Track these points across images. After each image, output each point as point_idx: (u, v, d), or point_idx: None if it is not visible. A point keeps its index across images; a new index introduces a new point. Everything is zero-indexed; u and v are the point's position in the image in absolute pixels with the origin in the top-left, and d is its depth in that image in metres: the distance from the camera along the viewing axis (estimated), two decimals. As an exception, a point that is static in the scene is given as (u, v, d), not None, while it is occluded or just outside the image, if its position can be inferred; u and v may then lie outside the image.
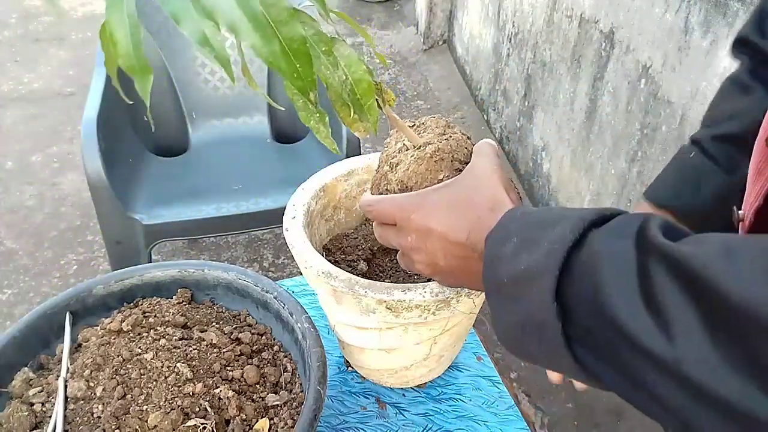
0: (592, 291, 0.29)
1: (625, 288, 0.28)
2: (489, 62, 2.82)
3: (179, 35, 1.87)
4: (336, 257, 0.83)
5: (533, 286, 0.32)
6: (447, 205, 0.43)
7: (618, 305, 0.28)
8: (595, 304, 0.29)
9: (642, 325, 0.27)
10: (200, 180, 1.71)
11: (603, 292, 0.29)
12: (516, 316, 0.34)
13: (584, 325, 0.31)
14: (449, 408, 0.82)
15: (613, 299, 0.28)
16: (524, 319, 0.33)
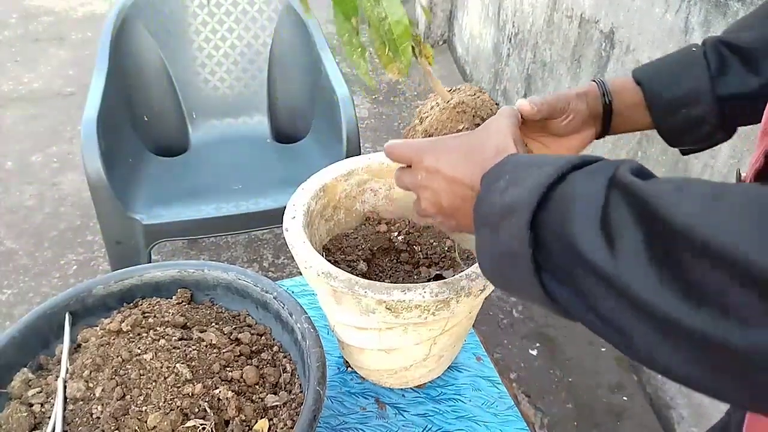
0: (561, 221, 0.33)
1: (587, 216, 0.31)
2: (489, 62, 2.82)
3: (179, 35, 1.87)
4: (336, 257, 0.83)
5: (513, 217, 0.35)
6: (456, 149, 0.47)
7: (578, 230, 0.31)
8: (562, 232, 0.32)
9: (593, 245, 0.30)
10: (200, 180, 1.71)
11: (569, 220, 0.32)
12: (497, 246, 0.37)
13: (550, 252, 0.34)
14: (449, 408, 0.82)
15: (576, 225, 0.31)
16: (503, 248, 0.37)
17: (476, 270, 0.68)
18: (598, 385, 1.68)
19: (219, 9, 1.88)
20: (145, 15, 1.81)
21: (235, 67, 1.94)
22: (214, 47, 1.90)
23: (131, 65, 1.80)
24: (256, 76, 1.95)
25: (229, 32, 1.90)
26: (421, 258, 0.84)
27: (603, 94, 0.61)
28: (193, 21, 1.87)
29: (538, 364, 1.74)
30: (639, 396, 1.65)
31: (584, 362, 1.75)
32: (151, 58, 1.85)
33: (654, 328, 0.28)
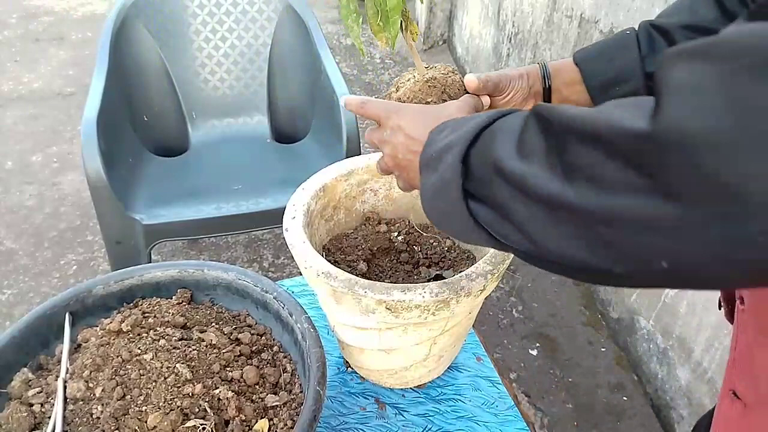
0: (487, 149, 0.38)
1: (507, 138, 0.37)
2: (489, 62, 2.81)
3: (179, 35, 1.87)
4: (336, 257, 0.83)
5: (449, 154, 0.41)
6: (418, 113, 0.54)
7: (499, 148, 0.37)
8: (486, 156, 0.38)
9: (509, 157, 0.36)
10: (200, 180, 1.71)
11: (493, 145, 0.38)
12: (434, 182, 0.43)
13: (475, 176, 0.39)
14: (449, 408, 0.82)
15: (497, 146, 0.37)
16: (439, 183, 0.42)
17: (476, 270, 0.68)
18: (598, 385, 1.68)
19: (219, 9, 1.88)
20: (145, 15, 1.81)
21: (235, 67, 1.94)
22: (214, 47, 1.90)
23: (131, 65, 1.80)
24: (256, 76, 1.95)
25: (229, 32, 1.90)
26: (421, 258, 0.84)
27: (543, 76, 0.67)
28: (193, 21, 1.87)
29: (538, 364, 1.74)
30: (639, 396, 1.65)
31: (584, 362, 1.75)
32: (151, 58, 1.84)
33: (549, 215, 0.33)
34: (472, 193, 0.40)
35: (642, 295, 1.66)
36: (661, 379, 1.58)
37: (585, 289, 1.98)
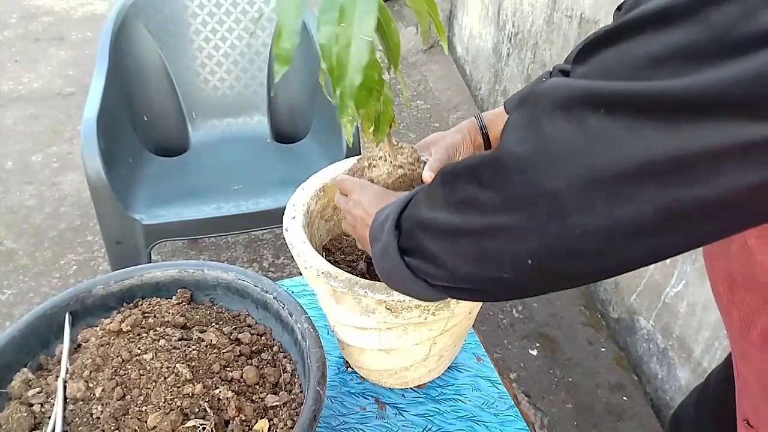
0: (411, 210, 0.48)
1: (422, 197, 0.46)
2: (489, 62, 2.81)
3: (179, 35, 1.87)
4: (336, 257, 0.83)
5: (387, 223, 0.50)
6: (376, 194, 0.62)
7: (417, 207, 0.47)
8: (410, 216, 0.47)
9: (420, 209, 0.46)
10: (200, 180, 1.71)
11: (414, 205, 0.47)
12: (379, 248, 0.51)
13: (405, 234, 0.48)
14: (449, 408, 0.82)
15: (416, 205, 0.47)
16: (381, 247, 0.50)
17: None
18: (598, 385, 1.68)
19: (219, 9, 1.88)
20: (145, 15, 1.81)
21: (235, 67, 1.93)
22: (214, 47, 1.90)
23: (131, 65, 1.80)
24: (256, 76, 1.95)
25: (229, 32, 1.90)
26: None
27: (480, 127, 0.74)
28: (193, 21, 1.87)
29: (538, 364, 1.74)
30: (639, 396, 1.65)
31: (584, 362, 1.75)
32: (151, 58, 1.84)
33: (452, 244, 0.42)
34: (405, 248, 0.48)
35: (642, 295, 1.66)
36: (661, 379, 1.58)
37: (585, 289, 1.98)
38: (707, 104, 0.29)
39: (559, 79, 0.35)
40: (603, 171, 0.32)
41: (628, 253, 0.35)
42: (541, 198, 0.35)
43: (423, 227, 0.44)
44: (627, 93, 0.31)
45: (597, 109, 0.32)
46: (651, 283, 1.60)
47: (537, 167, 0.35)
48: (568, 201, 0.34)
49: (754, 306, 0.46)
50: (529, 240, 0.37)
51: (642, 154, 0.31)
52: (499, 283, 0.41)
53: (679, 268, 1.46)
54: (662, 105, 0.30)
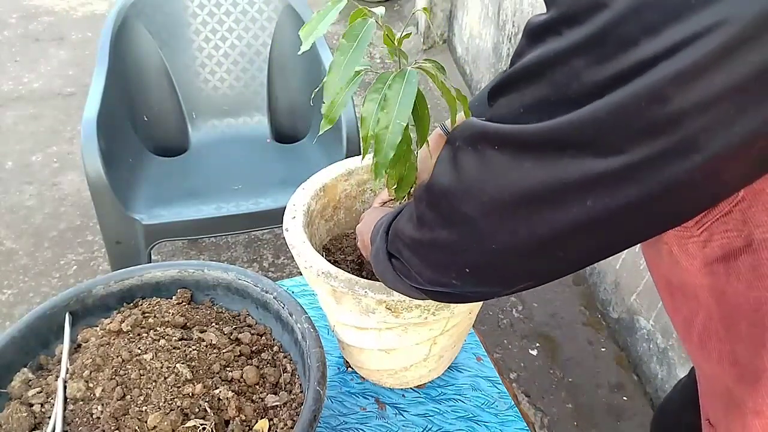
0: (396, 223, 0.53)
1: (403, 213, 0.52)
2: (489, 62, 2.81)
3: (179, 35, 1.87)
4: (336, 257, 0.83)
5: (380, 230, 0.56)
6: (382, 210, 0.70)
7: (397, 219, 0.53)
8: (394, 227, 0.53)
9: (399, 221, 0.52)
10: (200, 180, 1.71)
11: (398, 219, 0.53)
12: (374, 249, 0.57)
13: (391, 240, 0.53)
14: (449, 408, 0.82)
15: (398, 218, 0.53)
16: (375, 250, 0.56)
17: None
18: (598, 385, 1.68)
19: (219, 9, 1.88)
20: (145, 15, 1.81)
21: (235, 67, 1.93)
22: (214, 47, 1.90)
23: (131, 65, 1.80)
24: (256, 76, 1.95)
25: (229, 32, 1.90)
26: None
27: (446, 134, 0.77)
28: (193, 21, 1.87)
29: (538, 364, 1.74)
30: (639, 396, 1.65)
31: (584, 362, 1.75)
32: (151, 58, 1.84)
33: (414, 252, 0.49)
34: (391, 252, 0.53)
35: (642, 295, 1.66)
36: (661, 379, 1.58)
37: (585, 289, 1.98)
38: (560, 143, 0.35)
39: (472, 119, 0.42)
40: (500, 198, 0.39)
41: (540, 267, 0.42)
42: (462, 220, 0.42)
43: (399, 236, 0.51)
44: (508, 133, 0.38)
45: (491, 146, 0.39)
46: (651, 283, 1.60)
47: (456, 195, 0.42)
48: (481, 223, 0.41)
49: (690, 308, 0.49)
50: (464, 254, 0.43)
51: (525, 183, 0.37)
52: (455, 287, 0.47)
53: (679, 268, 1.46)
54: (531, 144, 0.36)
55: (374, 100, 0.59)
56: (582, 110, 0.33)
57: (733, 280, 0.43)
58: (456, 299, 0.51)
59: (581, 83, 0.33)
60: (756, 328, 0.43)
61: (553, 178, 0.36)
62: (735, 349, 0.46)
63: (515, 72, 0.38)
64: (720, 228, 0.41)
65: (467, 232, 0.42)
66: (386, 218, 0.57)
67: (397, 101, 0.59)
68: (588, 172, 0.34)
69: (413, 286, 0.52)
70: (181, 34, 1.87)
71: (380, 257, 0.55)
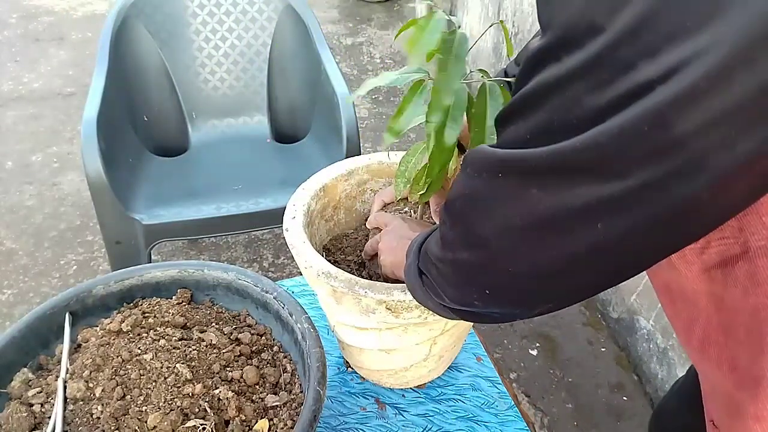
0: (428, 241, 0.54)
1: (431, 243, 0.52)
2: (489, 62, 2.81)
3: (179, 35, 1.87)
4: (336, 257, 0.83)
5: (414, 246, 0.57)
6: (414, 222, 0.72)
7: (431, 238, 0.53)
8: (426, 245, 0.54)
9: (429, 242, 0.53)
10: (200, 180, 1.71)
11: (430, 237, 0.54)
12: (407, 264, 0.58)
13: (422, 258, 0.54)
14: (449, 408, 0.82)
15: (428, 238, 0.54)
16: (407, 265, 0.58)
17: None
18: (598, 385, 1.68)
19: (219, 9, 1.88)
20: (145, 15, 1.81)
21: (235, 67, 1.93)
22: (214, 47, 1.90)
23: (131, 65, 1.80)
24: (256, 76, 1.95)
25: (229, 32, 1.90)
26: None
27: None
28: (193, 21, 1.87)
29: (538, 364, 1.74)
30: (639, 396, 1.65)
31: (584, 362, 1.75)
32: (151, 58, 1.84)
33: (439, 271, 0.50)
34: (421, 269, 0.54)
35: (642, 295, 1.66)
36: (661, 379, 1.58)
37: (585, 289, 1.97)
38: (564, 169, 0.35)
39: (481, 146, 0.42)
40: (511, 223, 0.39)
41: (557, 290, 0.42)
42: (478, 242, 0.43)
43: (428, 254, 0.52)
44: (513, 160, 0.38)
45: (498, 173, 0.39)
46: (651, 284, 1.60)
47: (470, 218, 0.43)
48: (495, 246, 0.41)
49: (690, 314, 0.50)
50: (482, 275, 0.44)
51: (533, 210, 0.37)
52: (479, 307, 0.48)
53: (679, 268, 1.46)
54: (536, 170, 0.36)
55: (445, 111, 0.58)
56: (584, 135, 0.33)
57: (730, 286, 0.43)
58: (482, 319, 0.52)
59: (582, 108, 0.33)
60: (753, 334, 0.43)
61: (559, 203, 0.36)
62: (734, 355, 0.46)
63: (519, 99, 0.38)
64: (717, 235, 0.42)
65: (484, 254, 0.43)
66: (421, 235, 0.58)
67: (485, 118, 0.60)
68: (593, 197, 0.34)
69: (441, 303, 0.53)
70: (181, 34, 1.87)
71: (411, 273, 0.56)
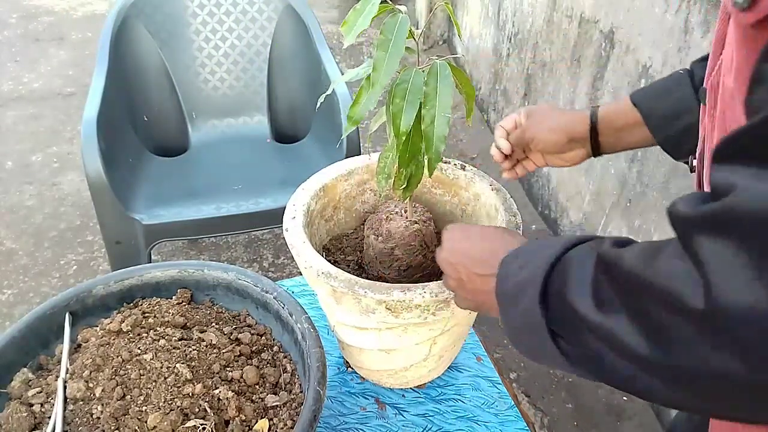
0: (564, 295, 0.39)
1: (580, 284, 0.38)
2: (489, 62, 2.81)
3: (179, 35, 1.87)
4: (336, 257, 0.83)
5: (526, 294, 0.42)
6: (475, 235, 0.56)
7: (574, 295, 0.38)
8: (563, 299, 0.39)
9: (586, 306, 0.37)
10: (200, 180, 1.71)
11: (568, 291, 0.39)
12: (516, 319, 0.44)
13: (558, 317, 0.40)
14: (449, 408, 0.82)
15: (573, 294, 0.38)
16: (522, 321, 0.43)
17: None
18: (598, 385, 1.68)
19: (219, 9, 1.88)
20: (145, 15, 1.81)
21: (235, 67, 1.93)
22: (214, 47, 1.90)
23: (131, 65, 1.80)
24: (256, 76, 1.95)
25: (229, 32, 1.90)
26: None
27: (592, 123, 0.72)
28: (193, 21, 1.87)
29: (538, 365, 1.74)
30: (639, 396, 1.65)
31: (584, 362, 1.75)
32: (151, 58, 1.84)
33: (641, 370, 0.35)
34: (559, 333, 0.41)
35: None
36: (661, 379, 1.58)
37: (585, 289, 1.97)
38: None
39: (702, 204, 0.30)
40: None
41: None
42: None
43: (594, 331, 0.37)
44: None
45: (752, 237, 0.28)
46: (651, 283, 1.60)
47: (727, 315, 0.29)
48: None
49: None
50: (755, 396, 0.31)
51: None
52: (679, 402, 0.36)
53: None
54: None
55: (402, 96, 0.60)
56: None
57: None
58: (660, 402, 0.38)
59: None
60: None
61: None
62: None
63: None
64: None
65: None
66: (530, 273, 0.42)
67: (436, 95, 0.60)
68: None
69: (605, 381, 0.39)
70: (181, 34, 1.87)
71: (534, 332, 0.42)
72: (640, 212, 1.63)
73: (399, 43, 0.57)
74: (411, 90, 0.60)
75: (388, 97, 0.61)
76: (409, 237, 0.76)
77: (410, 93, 0.60)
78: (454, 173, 0.85)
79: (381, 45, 0.57)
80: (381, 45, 0.57)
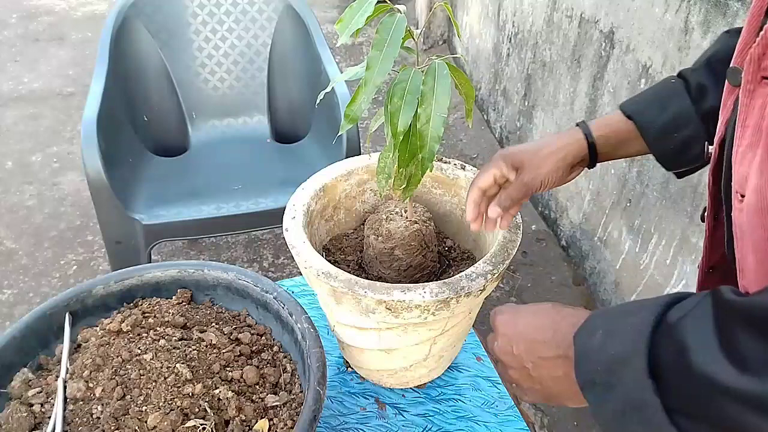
0: (680, 357, 0.33)
1: (704, 343, 0.32)
2: (489, 62, 2.81)
3: (179, 35, 1.87)
4: (336, 257, 0.83)
5: (626, 369, 0.35)
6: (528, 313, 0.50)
7: (703, 361, 0.32)
8: (685, 367, 0.33)
9: (723, 369, 0.31)
10: (200, 180, 1.71)
11: (689, 353, 0.33)
12: (614, 403, 0.37)
13: (679, 391, 0.33)
14: (449, 408, 0.82)
15: (697, 357, 0.32)
16: (623, 404, 0.36)
17: (476, 270, 0.68)
18: (598, 385, 1.68)
19: (219, 9, 1.88)
20: (145, 15, 1.81)
21: (235, 67, 1.94)
22: (214, 47, 1.90)
23: (131, 65, 1.80)
24: (256, 76, 1.95)
25: (229, 32, 1.90)
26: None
27: (588, 143, 0.68)
28: (193, 21, 1.87)
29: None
30: (639, 396, 1.65)
31: (584, 362, 1.74)
32: (151, 58, 1.84)
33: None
34: (681, 410, 0.34)
35: (642, 295, 1.66)
36: (661, 379, 1.58)
37: (585, 289, 1.97)
38: None
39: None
40: None
41: None
42: None
43: (738, 399, 0.31)
44: None
45: None
46: (651, 283, 1.60)
47: None
48: None
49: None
50: None
51: None
52: None
53: (679, 268, 1.46)
54: None
55: (400, 96, 0.60)
56: None
57: None
58: None
59: None
60: None
61: None
62: None
63: None
64: None
65: None
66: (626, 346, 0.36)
67: (433, 95, 0.60)
68: None
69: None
70: (181, 34, 1.87)
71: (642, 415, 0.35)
72: (640, 212, 1.63)
73: (394, 43, 0.57)
74: (409, 90, 0.60)
75: (386, 97, 0.61)
76: (409, 237, 0.76)
77: (408, 93, 0.60)
78: (454, 173, 0.85)
79: (376, 44, 0.57)
80: (376, 44, 0.57)
